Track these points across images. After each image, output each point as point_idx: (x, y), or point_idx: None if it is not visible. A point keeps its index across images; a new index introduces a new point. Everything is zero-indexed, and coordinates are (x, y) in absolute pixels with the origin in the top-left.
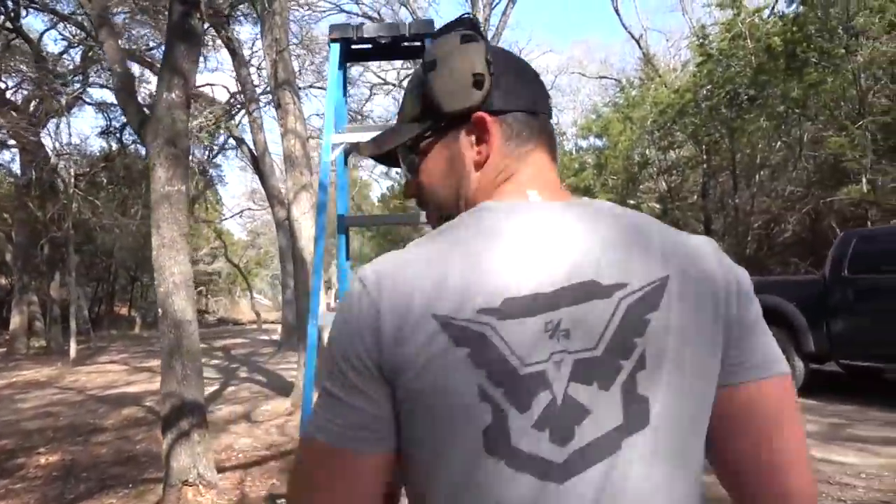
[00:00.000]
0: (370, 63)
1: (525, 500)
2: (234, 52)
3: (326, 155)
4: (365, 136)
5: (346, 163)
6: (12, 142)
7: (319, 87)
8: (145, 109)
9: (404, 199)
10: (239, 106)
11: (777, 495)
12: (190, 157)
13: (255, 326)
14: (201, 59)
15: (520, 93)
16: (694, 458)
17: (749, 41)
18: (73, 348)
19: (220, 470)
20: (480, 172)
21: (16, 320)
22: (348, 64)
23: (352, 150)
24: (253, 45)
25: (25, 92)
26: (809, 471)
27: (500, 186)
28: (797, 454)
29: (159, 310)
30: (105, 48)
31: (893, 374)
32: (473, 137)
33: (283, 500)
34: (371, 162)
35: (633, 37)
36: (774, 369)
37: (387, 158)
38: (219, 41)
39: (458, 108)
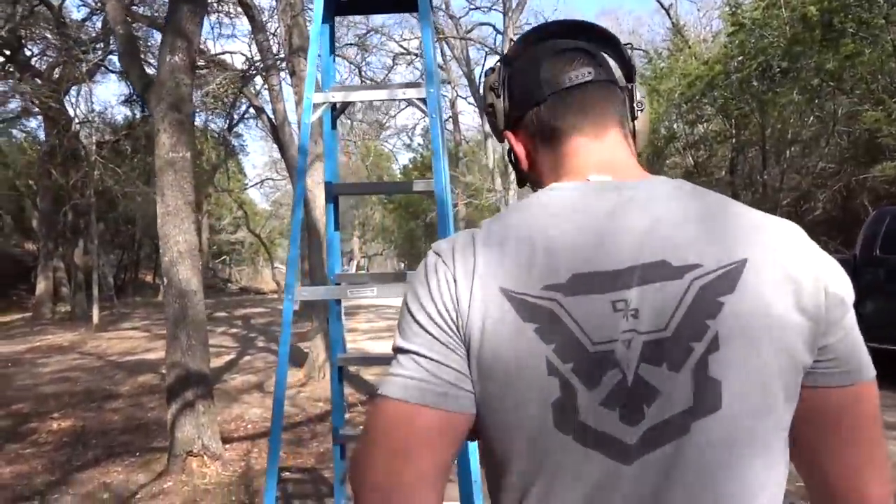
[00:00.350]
0: (392, 32)
1: (594, 476)
2: (253, 18)
3: (307, 116)
4: (351, 96)
5: (333, 125)
6: (37, 109)
7: (337, 55)
8: (150, 73)
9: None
10: (254, 72)
11: (853, 500)
12: (209, 126)
13: (276, 296)
14: (218, 25)
15: (528, 88)
16: (774, 446)
17: (784, 10)
18: (95, 314)
19: (228, 441)
20: (537, 178)
21: (41, 286)
22: (337, 17)
23: (341, 112)
24: (273, 12)
25: (50, 59)
26: (888, 476)
27: (560, 177)
28: (879, 460)
29: (164, 279)
30: (107, 9)
31: None
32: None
33: (287, 473)
34: (388, 133)
35: (662, 6)
36: (865, 375)
37: None
38: (239, 8)
39: (498, 137)
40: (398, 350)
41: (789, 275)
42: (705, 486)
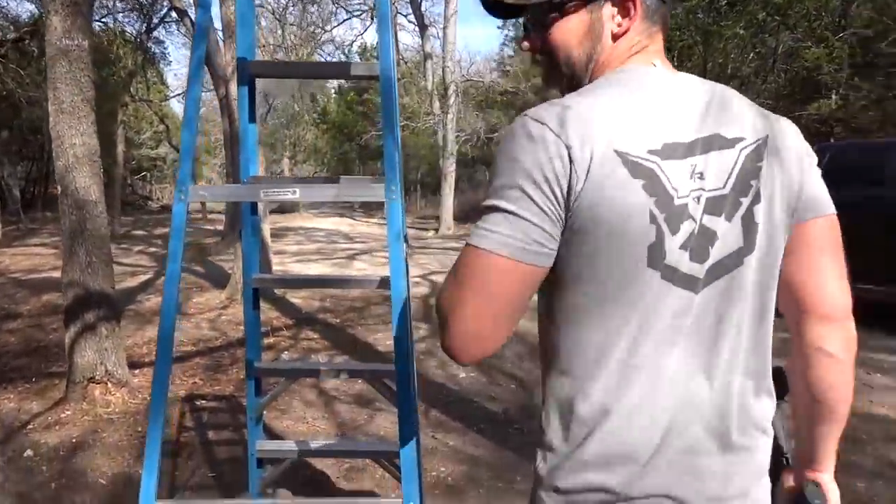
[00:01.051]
0: None
1: (674, 306)
2: None
3: None
4: None
5: None
6: None
7: None
8: None
9: (520, 50)
10: None
11: (822, 301)
12: (124, 29)
13: (199, 216)
14: None
15: None
16: (776, 273)
17: None
18: None
19: (138, 366)
20: (617, 43)
21: None
22: None
23: None
24: None
25: None
26: (848, 291)
27: (631, 56)
28: (843, 277)
29: (58, 187)
30: None
31: (853, 291)
32: (616, 10)
33: (203, 401)
34: (331, 48)
35: None
36: (830, 209)
37: (509, 10)
38: None
39: None
40: (495, 209)
41: (789, 146)
42: (752, 303)
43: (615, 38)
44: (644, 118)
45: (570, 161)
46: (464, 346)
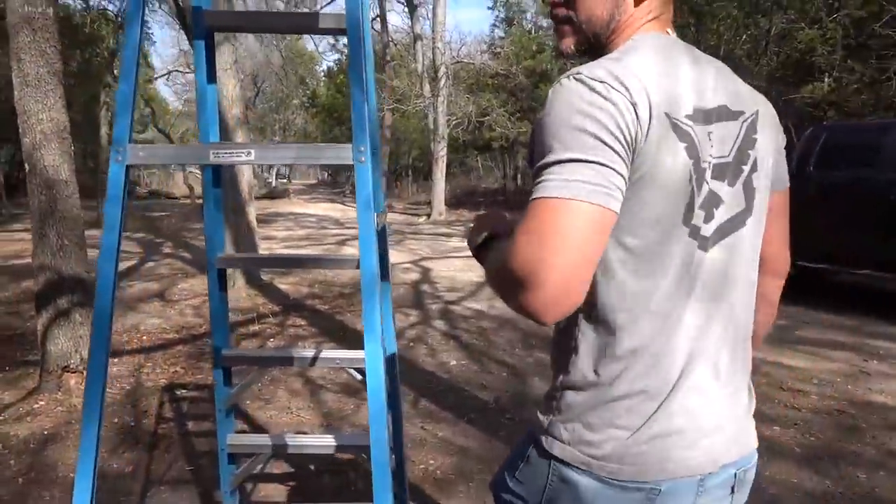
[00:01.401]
0: None
1: (688, 260)
2: None
3: None
4: None
5: None
6: None
7: None
8: None
9: (543, 5)
10: None
11: (776, 259)
12: (105, 7)
13: (188, 201)
14: None
15: None
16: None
17: None
18: None
19: (118, 353)
20: (638, 7)
21: None
22: None
23: None
24: None
25: None
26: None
27: (648, 22)
28: (788, 237)
29: (26, 165)
30: None
31: (847, 276)
32: None
33: (184, 391)
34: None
35: None
36: (788, 183)
37: None
38: None
39: None
40: (575, 160)
41: (772, 123)
42: (753, 257)
43: (637, 2)
44: (676, 84)
45: (637, 118)
46: (553, 302)
